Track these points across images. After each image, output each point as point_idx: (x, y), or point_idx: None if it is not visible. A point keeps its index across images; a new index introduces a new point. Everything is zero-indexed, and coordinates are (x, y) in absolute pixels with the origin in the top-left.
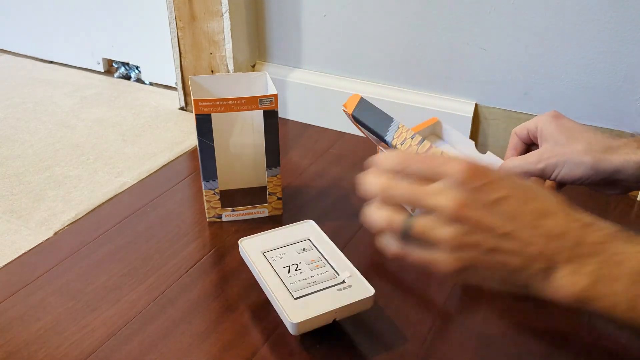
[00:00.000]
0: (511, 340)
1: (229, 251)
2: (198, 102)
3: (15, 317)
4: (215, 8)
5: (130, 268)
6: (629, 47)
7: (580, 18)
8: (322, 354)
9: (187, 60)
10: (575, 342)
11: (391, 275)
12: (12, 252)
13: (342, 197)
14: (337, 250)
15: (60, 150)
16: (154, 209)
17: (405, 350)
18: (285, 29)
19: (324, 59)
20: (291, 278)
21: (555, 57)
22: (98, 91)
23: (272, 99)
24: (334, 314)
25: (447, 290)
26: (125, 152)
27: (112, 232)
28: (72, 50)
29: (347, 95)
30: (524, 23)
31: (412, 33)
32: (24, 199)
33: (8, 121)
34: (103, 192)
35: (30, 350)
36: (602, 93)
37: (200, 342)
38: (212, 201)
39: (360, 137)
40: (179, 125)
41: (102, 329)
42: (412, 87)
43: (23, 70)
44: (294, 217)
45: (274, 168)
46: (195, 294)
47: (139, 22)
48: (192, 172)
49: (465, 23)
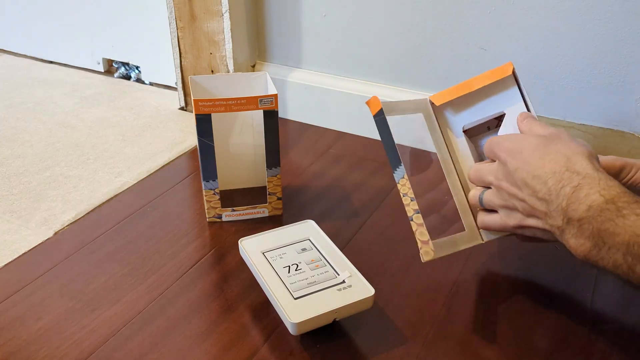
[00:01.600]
0: (511, 341)
1: (229, 251)
2: (198, 102)
3: (15, 317)
4: (215, 8)
5: (130, 268)
6: (629, 47)
7: (581, 18)
8: (322, 354)
9: (187, 60)
10: (575, 342)
11: (391, 275)
12: (12, 252)
13: (342, 197)
14: (337, 250)
15: (60, 150)
16: (154, 209)
17: (405, 350)
18: (285, 29)
19: (324, 59)
20: (291, 278)
21: (555, 57)
22: (98, 91)
23: (272, 99)
24: (334, 314)
25: (447, 291)
26: (125, 152)
27: (112, 232)
28: (72, 50)
29: (347, 95)
30: (524, 23)
31: (412, 33)
32: (24, 199)
33: (8, 121)
34: (103, 192)
35: (31, 350)
36: (602, 93)
37: (200, 342)
38: (212, 201)
39: (360, 137)
40: (179, 125)
41: (102, 329)
42: (412, 87)
43: (23, 70)
44: (294, 217)
45: (274, 168)
46: (195, 294)
47: (139, 22)
48: (192, 172)
49: (465, 23)
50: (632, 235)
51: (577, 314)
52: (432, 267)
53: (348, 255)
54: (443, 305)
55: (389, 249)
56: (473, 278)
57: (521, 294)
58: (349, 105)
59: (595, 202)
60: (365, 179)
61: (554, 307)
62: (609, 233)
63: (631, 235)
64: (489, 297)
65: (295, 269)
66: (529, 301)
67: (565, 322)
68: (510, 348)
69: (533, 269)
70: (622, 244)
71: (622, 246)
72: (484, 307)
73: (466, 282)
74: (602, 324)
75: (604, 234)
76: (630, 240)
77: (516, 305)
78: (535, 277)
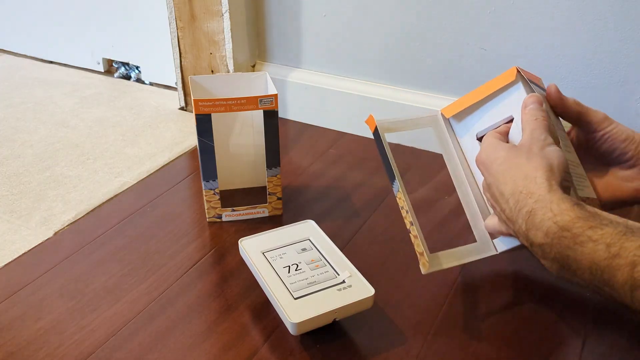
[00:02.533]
0: (511, 341)
1: (229, 251)
2: (198, 102)
3: (15, 317)
4: (215, 8)
5: (130, 268)
6: (629, 47)
7: (581, 18)
8: (322, 354)
9: (187, 60)
10: (576, 341)
11: (391, 275)
12: (12, 252)
13: (342, 197)
14: (337, 250)
15: (60, 150)
16: (154, 209)
17: (405, 350)
18: (285, 29)
19: (324, 59)
20: (291, 278)
21: (555, 57)
22: (98, 91)
23: (272, 99)
24: (334, 314)
25: (447, 291)
26: (125, 152)
27: (112, 232)
28: (72, 50)
29: (347, 95)
30: (524, 23)
31: (412, 33)
32: (24, 199)
33: (8, 121)
34: (103, 192)
35: (31, 350)
36: (602, 93)
37: (200, 342)
38: (212, 201)
39: (360, 137)
40: (179, 125)
41: (102, 329)
42: (412, 87)
43: (23, 70)
44: (294, 217)
45: (274, 168)
46: (195, 294)
47: (139, 22)
48: (192, 172)
49: (465, 23)
50: (592, 262)
51: (578, 313)
52: None
53: (348, 255)
54: (443, 305)
55: (389, 249)
56: (473, 278)
57: (521, 293)
58: (349, 105)
59: (551, 229)
60: (365, 179)
61: (554, 307)
62: (571, 259)
63: (591, 262)
64: (489, 297)
65: (295, 269)
66: (529, 301)
67: (565, 321)
68: (510, 348)
69: (533, 268)
70: (585, 269)
71: (587, 271)
72: (484, 307)
73: (466, 282)
74: (602, 323)
75: (566, 260)
76: (592, 267)
77: (516, 305)
78: (535, 276)
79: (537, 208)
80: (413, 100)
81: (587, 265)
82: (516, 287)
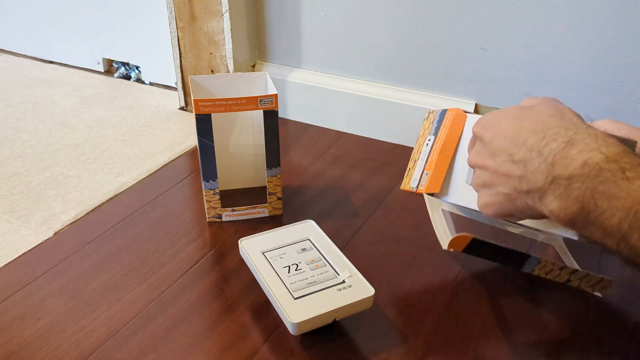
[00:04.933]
0: (512, 340)
1: (229, 251)
2: (198, 102)
3: (15, 317)
4: (215, 8)
5: (130, 268)
6: (629, 47)
7: (581, 18)
8: (322, 354)
9: (187, 60)
10: (577, 340)
11: (391, 275)
12: (12, 252)
13: (342, 197)
14: (337, 250)
15: (60, 150)
16: (154, 209)
17: (405, 350)
18: (285, 29)
19: (324, 59)
20: (291, 278)
21: (555, 57)
22: (98, 91)
23: (272, 99)
24: (334, 314)
25: (447, 291)
26: (125, 152)
27: (112, 232)
28: (72, 50)
29: (347, 95)
30: (524, 23)
31: (412, 33)
32: (24, 199)
33: (8, 121)
34: (103, 192)
35: (31, 350)
36: (602, 93)
37: (200, 342)
38: (212, 201)
39: (360, 137)
40: (179, 125)
41: (102, 329)
42: (412, 87)
43: (23, 70)
44: (294, 217)
45: (274, 168)
46: (195, 294)
47: (139, 22)
48: (192, 172)
49: (465, 23)
50: (635, 201)
51: (579, 312)
52: (433, 266)
53: (348, 255)
54: (443, 305)
55: (389, 249)
56: (473, 278)
57: (521, 293)
58: (349, 105)
59: (593, 159)
60: (365, 179)
61: (555, 306)
62: (608, 195)
63: (634, 202)
64: (489, 296)
65: (295, 269)
66: (530, 300)
67: (566, 321)
68: (510, 347)
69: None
70: (620, 209)
71: (620, 212)
72: (484, 307)
73: (466, 282)
74: (604, 321)
75: (599, 197)
76: (633, 207)
77: (516, 304)
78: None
79: (577, 138)
80: (413, 100)
81: (627, 204)
82: (516, 286)
